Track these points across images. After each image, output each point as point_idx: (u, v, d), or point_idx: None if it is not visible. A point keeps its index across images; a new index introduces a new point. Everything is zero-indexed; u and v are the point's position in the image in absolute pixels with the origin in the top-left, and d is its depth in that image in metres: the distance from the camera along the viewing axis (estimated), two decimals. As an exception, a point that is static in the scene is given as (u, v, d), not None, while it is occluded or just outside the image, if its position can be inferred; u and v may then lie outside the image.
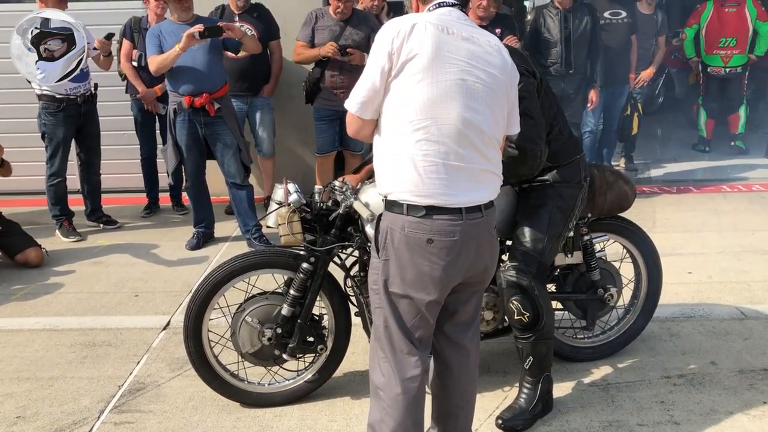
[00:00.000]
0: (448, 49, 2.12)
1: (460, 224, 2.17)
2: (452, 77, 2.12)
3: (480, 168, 2.20)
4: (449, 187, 2.15)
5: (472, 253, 2.24)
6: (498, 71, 2.21)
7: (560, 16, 5.67)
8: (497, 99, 2.22)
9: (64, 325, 3.97)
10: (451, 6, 2.22)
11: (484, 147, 2.20)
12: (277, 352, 3.00)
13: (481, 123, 2.17)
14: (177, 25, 4.86)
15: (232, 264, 2.97)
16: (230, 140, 5.00)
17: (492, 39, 2.25)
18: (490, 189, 2.27)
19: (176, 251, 5.14)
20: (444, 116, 2.12)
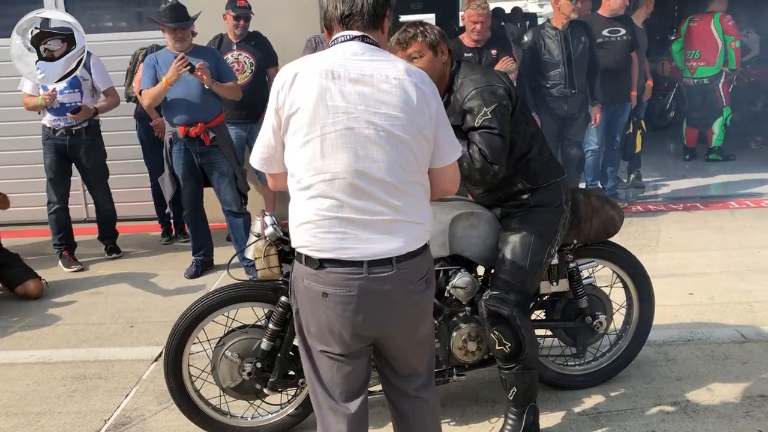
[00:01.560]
0: (332, 97, 1.97)
1: (360, 278, 2.01)
2: (337, 128, 1.97)
3: (384, 219, 2.02)
4: (346, 241, 2.01)
5: (382, 310, 2.06)
6: (398, 109, 1.99)
7: (559, 37, 5.63)
8: (400, 141, 1.99)
9: (57, 358, 3.98)
10: (351, 39, 2.05)
11: (387, 196, 2.01)
12: (258, 387, 2.96)
13: (378, 171, 1.99)
14: (174, 55, 4.89)
15: (210, 298, 2.95)
16: (226, 168, 5.02)
17: (393, 73, 2.00)
18: (406, 239, 2.04)
19: (175, 280, 5.14)
20: (333, 171, 1.99)
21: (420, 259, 2.10)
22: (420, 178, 2.09)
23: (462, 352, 2.95)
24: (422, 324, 2.20)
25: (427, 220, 2.13)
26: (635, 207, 6.26)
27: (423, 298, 2.16)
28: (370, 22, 2.07)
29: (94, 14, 6.51)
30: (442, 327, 2.93)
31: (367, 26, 2.07)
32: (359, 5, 2.06)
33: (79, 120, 5.29)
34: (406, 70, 2.03)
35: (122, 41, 6.24)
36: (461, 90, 2.72)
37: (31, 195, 6.10)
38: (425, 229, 2.13)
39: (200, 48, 5.08)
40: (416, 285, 2.10)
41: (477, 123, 2.65)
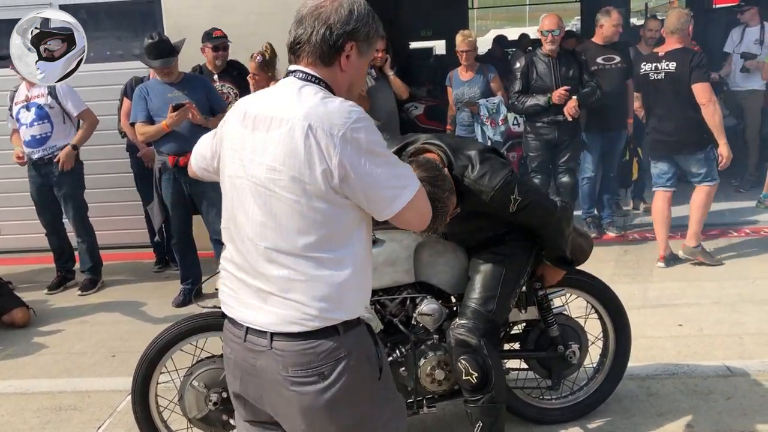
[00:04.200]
0: (232, 141, 1.82)
1: (239, 343, 1.83)
2: (229, 173, 1.82)
3: (258, 286, 1.78)
4: (232, 298, 1.86)
5: (257, 387, 1.83)
6: (279, 162, 1.70)
7: (551, 63, 5.62)
8: (279, 199, 1.71)
9: (34, 389, 3.95)
10: (287, 75, 1.82)
11: (259, 261, 1.76)
12: (224, 418, 2.91)
13: (252, 232, 1.77)
14: (163, 85, 4.93)
15: (178, 327, 2.93)
16: (215, 197, 4.98)
17: (288, 115, 1.70)
18: (278, 317, 1.74)
19: (162, 309, 5.11)
20: (225, 218, 1.87)
21: (305, 346, 1.74)
22: (310, 249, 1.72)
23: (430, 380, 2.89)
24: (319, 427, 1.80)
25: (314, 302, 1.72)
26: (632, 235, 6.18)
27: (307, 397, 1.75)
28: (319, 57, 1.76)
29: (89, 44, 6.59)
30: (409, 355, 2.88)
31: (317, 61, 1.77)
32: (308, 33, 1.76)
33: (69, 167, 5.32)
34: (307, 113, 1.68)
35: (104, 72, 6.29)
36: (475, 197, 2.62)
37: (24, 223, 6.12)
38: (306, 312, 1.73)
39: (189, 76, 5.11)
40: (296, 374, 1.74)
41: (512, 209, 2.63)
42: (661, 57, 5.18)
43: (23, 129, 5.32)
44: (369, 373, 1.82)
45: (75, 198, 5.49)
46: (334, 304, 1.74)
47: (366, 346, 1.83)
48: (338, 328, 1.76)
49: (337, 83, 1.80)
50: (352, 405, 1.79)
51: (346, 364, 1.76)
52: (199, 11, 6.00)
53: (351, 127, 1.67)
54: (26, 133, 5.32)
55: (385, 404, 1.89)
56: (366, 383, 1.82)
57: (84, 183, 5.56)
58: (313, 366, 1.74)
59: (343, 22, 1.75)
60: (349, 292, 1.76)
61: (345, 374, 1.75)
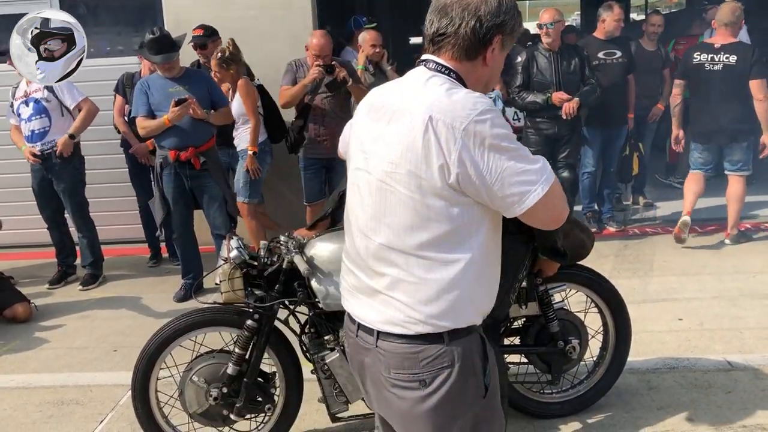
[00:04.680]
0: (359, 135, 1.78)
1: (352, 336, 1.81)
2: (351, 166, 1.80)
3: (367, 283, 1.74)
4: (349, 293, 1.84)
5: (365, 380, 1.83)
6: (398, 155, 1.62)
7: (552, 58, 5.61)
8: (393, 194, 1.64)
9: (37, 383, 3.96)
10: (418, 65, 1.75)
11: (371, 258, 1.71)
12: (224, 412, 2.92)
13: (366, 227, 1.72)
14: (165, 80, 4.93)
15: (177, 323, 2.93)
16: (216, 192, 5.03)
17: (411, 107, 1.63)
18: (385, 317, 1.69)
19: (163, 303, 5.12)
20: (347, 212, 1.83)
21: (407, 350, 1.66)
22: (421, 249, 1.64)
23: (431, 378, 2.89)
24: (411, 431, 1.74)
25: (420, 306, 1.64)
26: (632, 230, 6.18)
27: (405, 402, 1.69)
28: (465, 50, 1.67)
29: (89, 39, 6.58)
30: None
31: (460, 54, 1.67)
32: (455, 25, 1.65)
33: (68, 154, 5.31)
34: (429, 105, 1.59)
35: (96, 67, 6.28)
36: None
37: (26, 218, 6.13)
38: (410, 316, 1.65)
39: (191, 72, 5.11)
40: (397, 377, 1.68)
41: None
42: (717, 49, 5.33)
43: (23, 124, 5.33)
44: (473, 388, 1.71)
45: (75, 193, 5.49)
46: (442, 311, 1.64)
47: (473, 359, 1.70)
48: (444, 336, 1.65)
49: (476, 76, 1.71)
50: (451, 419, 1.70)
51: (448, 375, 1.66)
52: (199, 6, 5.99)
53: (474, 120, 1.55)
54: (26, 128, 5.32)
55: (487, 425, 1.78)
56: (468, 398, 1.70)
57: (84, 178, 5.56)
58: (414, 372, 1.66)
59: (493, 14, 1.65)
60: (460, 299, 1.65)
61: (447, 385, 1.66)
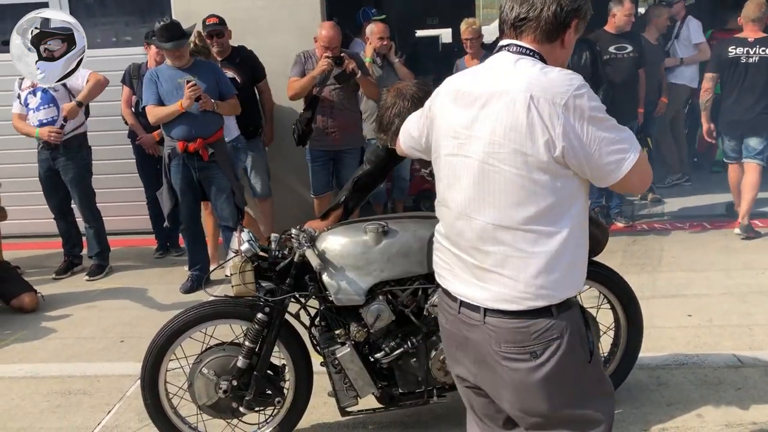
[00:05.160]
0: (447, 119, 1.85)
1: (453, 313, 1.90)
2: (444, 152, 1.86)
3: (473, 263, 1.81)
4: (447, 272, 1.92)
5: (468, 356, 1.90)
6: (500, 135, 1.70)
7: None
8: (498, 173, 1.72)
9: (44, 373, 3.96)
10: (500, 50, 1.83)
11: (475, 237, 1.79)
12: (234, 405, 2.91)
13: (468, 207, 1.80)
14: (174, 70, 4.91)
15: (187, 315, 2.92)
16: (224, 184, 5.01)
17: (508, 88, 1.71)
18: (494, 294, 1.77)
19: (170, 295, 5.12)
20: (440, 195, 1.91)
21: (519, 325, 1.75)
22: (529, 223, 1.72)
23: (441, 372, 2.88)
24: (526, 402, 1.82)
25: (533, 279, 1.73)
26: (640, 225, 6.16)
27: (519, 373, 1.78)
28: (545, 33, 1.77)
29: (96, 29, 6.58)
30: (420, 346, 2.87)
31: (541, 37, 1.77)
32: (538, 9, 1.75)
33: (72, 117, 5.24)
34: (528, 84, 1.68)
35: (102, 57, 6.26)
36: None
37: (32, 208, 6.13)
38: (524, 291, 1.74)
39: (199, 62, 5.08)
40: (508, 351, 1.78)
41: None
42: (752, 42, 5.64)
43: (31, 114, 5.32)
44: (580, 355, 1.81)
45: (82, 183, 5.48)
46: (550, 283, 1.74)
47: (578, 328, 1.81)
48: (552, 308, 1.75)
49: (554, 58, 1.80)
50: (563, 385, 1.79)
51: (558, 345, 1.75)
52: (206, -3, 5.96)
53: (573, 95, 1.65)
54: (34, 118, 5.31)
55: (596, 386, 1.89)
56: (577, 365, 1.80)
57: (91, 168, 5.55)
58: (526, 344, 1.75)
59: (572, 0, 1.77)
60: (565, 270, 1.75)
61: (557, 355, 1.75)
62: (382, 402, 2.98)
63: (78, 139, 5.42)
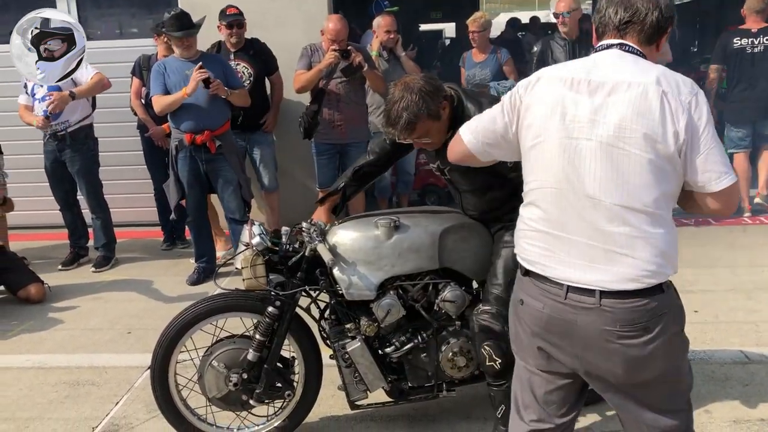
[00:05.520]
0: (564, 105, 1.90)
1: (555, 300, 1.93)
2: (560, 136, 1.90)
3: (591, 244, 1.87)
4: (549, 258, 1.94)
5: (572, 341, 1.94)
6: (631, 121, 1.81)
7: (568, 47, 5.57)
8: (627, 157, 1.82)
9: (52, 363, 3.98)
10: (609, 48, 1.95)
11: (598, 218, 1.86)
12: (244, 398, 2.92)
13: (592, 189, 1.86)
14: (181, 62, 4.92)
15: (198, 307, 2.92)
16: (231, 176, 5.02)
17: (638, 79, 1.83)
18: (614, 274, 1.84)
19: (176, 286, 5.13)
20: (547, 180, 1.94)
21: (636, 304, 1.84)
22: (652, 206, 1.83)
23: (451, 366, 2.89)
24: (636, 372, 1.92)
25: (653, 258, 1.84)
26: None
27: (633, 348, 1.87)
28: (646, 36, 1.94)
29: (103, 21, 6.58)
30: (431, 341, 2.88)
31: (642, 39, 1.94)
32: (642, 14, 1.92)
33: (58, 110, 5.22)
34: (658, 79, 1.83)
35: (113, 49, 6.27)
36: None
37: (39, 199, 6.13)
38: (645, 269, 1.84)
39: (206, 55, 5.09)
40: (623, 329, 1.86)
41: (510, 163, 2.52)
42: (755, 33, 5.84)
43: (37, 104, 5.31)
44: (679, 327, 1.97)
45: (89, 174, 5.48)
46: (667, 261, 1.88)
47: (678, 303, 1.98)
48: (662, 286, 1.88)
49: (651, 60, 1.96)
50: (667, 357, 1.92)
51: (666, 320, 1.88)
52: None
53: (696, 97, 1.83)
54: (39, 108, 5.29)
55: (685, 356, 2.04)
56: (677, 337, 1.96)
57: (98, 160, 5.56)
58: (640, 322, 1.86)
59: (669, 8, 1.96)
60: (674, 249, 1.91)
61: (665, 329, 1.88)
62: (392, 396, 2.99)
63: (84, 130, 5.42)
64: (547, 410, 2.13)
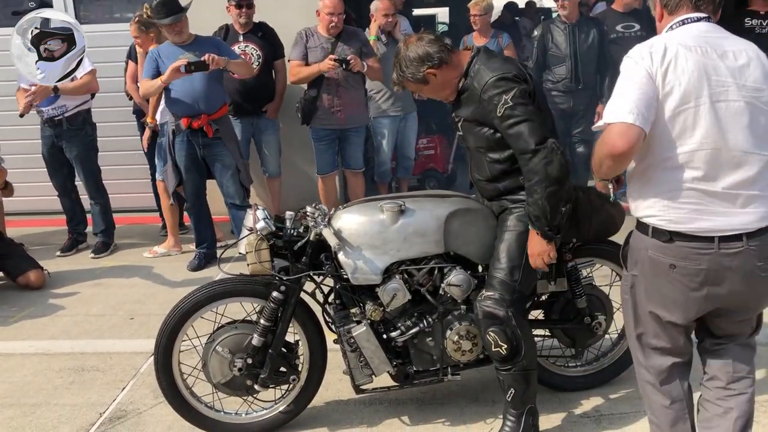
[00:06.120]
0: (707, 71, 2.07)
1: (710, 253, 2.11)
2: (712, 100, 2.07)
3: (740, 192, 2.10)
4: (700, 213, 2.10)
5: (726, 285, 2.14)
6: (761, 82, 2.11)
7: (568, 31, 5.55)
8: (762, 112, 2.11)
9: (56, 349, 3.97)
10: (698, 21, 2.17)
11: (746, 168, 2.09)
12: (249, 383, 2.92)
13: (742, 143, 2.08)
14: (174, 47, 4.86)
15: (199, 294, 2.90)
16: (229, 161, 4.99)
17: (747, 48, 2.16)
18: (760, 214, 2.12)
19: (177, 272, 5.12)
20: (699, 142, 2.07)
21: None
22: None
23: (456, 350, 2.89)
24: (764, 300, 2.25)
25: None
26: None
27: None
28: (717, 6, 2.20)
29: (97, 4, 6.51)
30: (436, 325, 2.88)
31: (713, 9, 2.20)
32: None
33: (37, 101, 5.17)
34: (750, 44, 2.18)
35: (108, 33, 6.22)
36: (478, 78, 2.66)
37: (37, 185, 6.10)
38: None
39: (201, 39, 5.00)
40: (765, 262, 2.13)
41: (499, 112, 2.57)
42: (763, 15, 5.81)
43: (22, 85, 5.25)
44: None
45: (87, 160, 5.46)
46: None
47: None
48: None
49: None
50: None
51: None
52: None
53: None
54: None
55: None
56: None
57: (96, 145, 5.53)
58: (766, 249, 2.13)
59: None
60: None
61: None
62: (397, 380, 2.99)
63: (82, 115, 5.39)
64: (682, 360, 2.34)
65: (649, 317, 2.29)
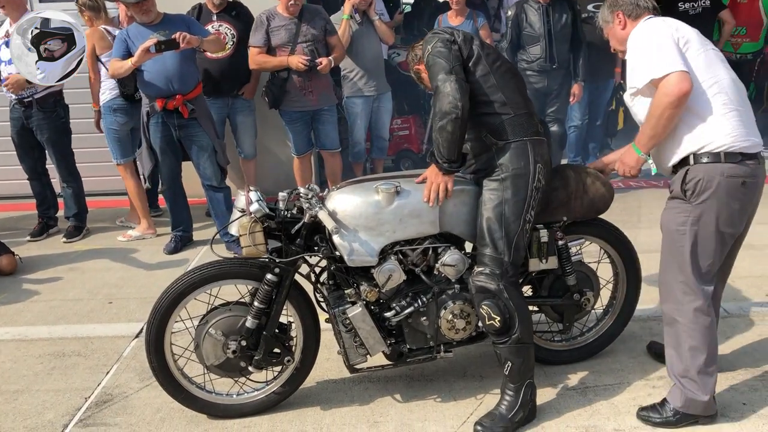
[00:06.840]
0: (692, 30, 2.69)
1: (759, 167, 2.63)
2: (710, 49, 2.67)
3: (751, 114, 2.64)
4: (749, 135, 2.60)
5: (759, 194, 2.69)
6: None
7: (542, 10, 5.58)
8: None
9: (34, 335, 3.89)
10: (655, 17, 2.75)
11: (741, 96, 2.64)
12: (242, 365, 2.91)
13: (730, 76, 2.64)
14: (143, 28, 4.75)
15: (193, 275, 2.87)
16: (206, 142, 4.91)
17: None
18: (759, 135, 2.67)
19: (154, 255, 5.05)
20: (718, 75, 2.61)
21: None
22: None
23: (450, 329, 2.92)
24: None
25: None
26: (616, 183, 6.24)
27: None
28: None
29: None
30: (430, 304, 2.90)
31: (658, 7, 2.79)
32: None
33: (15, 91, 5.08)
34: None
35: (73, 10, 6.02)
36: None
37: (5, 168, 5.93)
38: None
39: (170, 17, 4.88)
40: None
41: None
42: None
43: (3, 66, 5.11)
44: None
45: (59, 143, 5.32)
46: None
47: None
48: None
49: None
50: None
51: None
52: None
53: None
54: (5, 72, 5.09)
55: None
56: None
57: (69, 128, 5.38)
58: None
59: None
60: None
61: None
62: (391, 359, 3.01)
63: (53, 96, 5.23)
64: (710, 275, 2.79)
65: (713, 239, 2.65)
